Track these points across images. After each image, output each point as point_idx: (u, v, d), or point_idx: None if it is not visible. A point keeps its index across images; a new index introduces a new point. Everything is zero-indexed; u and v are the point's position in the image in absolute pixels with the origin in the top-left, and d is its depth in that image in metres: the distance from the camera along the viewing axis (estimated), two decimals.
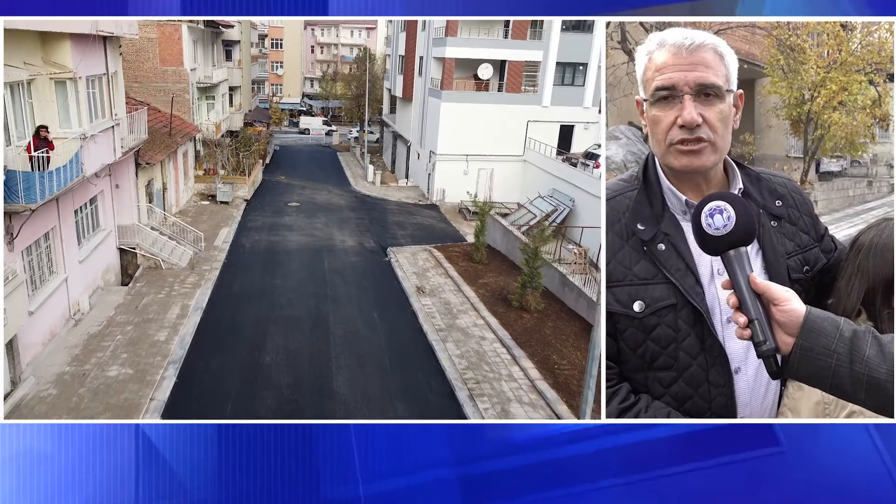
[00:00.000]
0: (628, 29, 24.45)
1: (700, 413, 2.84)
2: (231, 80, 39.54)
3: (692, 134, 2.58)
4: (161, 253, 19.99)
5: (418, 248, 24.31)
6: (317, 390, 13.00)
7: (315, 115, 75.21)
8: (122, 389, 12.30)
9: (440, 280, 20.15)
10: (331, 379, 13.49)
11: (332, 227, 27.29)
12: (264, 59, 65.23)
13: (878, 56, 21.39)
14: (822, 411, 2.77)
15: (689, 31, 2.66)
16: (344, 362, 14.30)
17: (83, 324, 15.25)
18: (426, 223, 29.77)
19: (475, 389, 13.09)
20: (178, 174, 27.92)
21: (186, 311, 16.55)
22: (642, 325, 2.80)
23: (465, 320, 16.87)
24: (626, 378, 2.92)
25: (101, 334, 14.78)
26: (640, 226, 2.84)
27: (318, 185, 37.51)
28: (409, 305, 18.03)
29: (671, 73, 2.60)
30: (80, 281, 15.91)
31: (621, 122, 25.51)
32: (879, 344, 2.10)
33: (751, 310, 2.19)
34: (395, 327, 16.54)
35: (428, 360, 14.63)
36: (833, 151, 24.88)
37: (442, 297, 18.58)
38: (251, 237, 24.75)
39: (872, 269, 2.77)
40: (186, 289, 18.21)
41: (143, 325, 15.42)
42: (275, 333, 15.72)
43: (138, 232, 19.85)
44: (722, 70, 2.61)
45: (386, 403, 12.63)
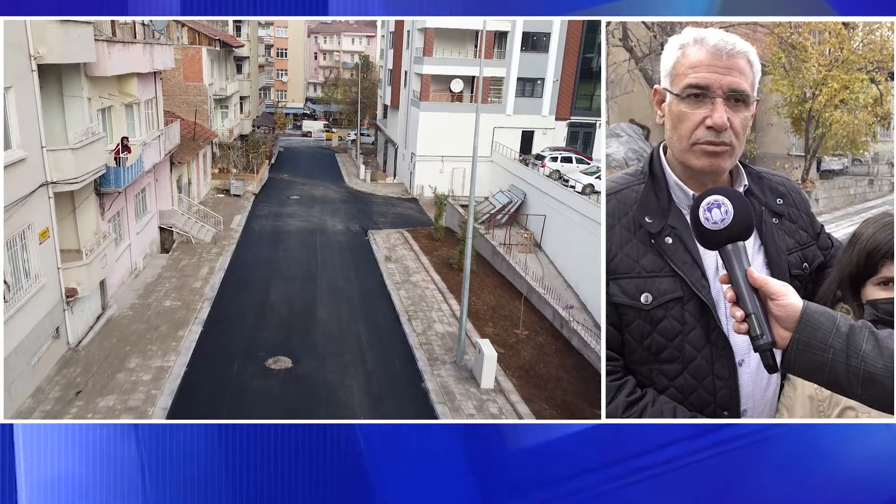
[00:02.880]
0: (630, 27, 24.79)
1: (704, 405, 2.89)
2: (241, 90, 45.67)
3: (718, 137, 2.64)
4: (191, 231, 26.10)
5: (393, 230, 30.39)
6: (305, 317, 19.07)
7: (317, 118, 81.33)
8: (175, 313, 18.40)
9: (404, 252, 26.26)
10: (315, 311, 19.58)
11: (325, 216, 33.35)
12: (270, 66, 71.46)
13: (880, 54, 21.38)
14: (815, 409, 2.82)
15: (726, 34, 2.70)
16: (325, 301, 20.39)
17: (141, 276, 21.36)
18: (404, 213, 35.83)
19: (412, 315, 19.19)
20: (199, 171, 34.05)
21: (213, 270, 22.64)
22: (649, 317, 2.86)
23: (416, 277, 22.96)
24: (630, 370, 2.97)
25: (155, 283, 20.89)
26: (648, 219, 2.89)
27: (317, 182, 43.58)
28: (378, 269, 24.10)
29: (706, 73, 2.64)
30: (137, 247, 22.00)
31: (622, 120, 26.47)
32: (876, 339, 2.10)
33: (748, 304, 2.22)
34: (364, 282, 22.61)
35: (385, 301, 20.71)
36: (834, 150, 24.90)
37: (403, 263, 24.67)
38: (259, 222, 30.85)
39: (844, 258, 2.85)
40: (212, 257, 24.31)
41: (183, 278, 21.52)
42: (277, 285, 21.79)
43: (173, 215, 25.95)
44: (751, 78, 2.69)
45: (352, 324, 18.69)
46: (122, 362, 15.08)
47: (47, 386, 13.67)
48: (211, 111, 37.55)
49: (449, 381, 15.17)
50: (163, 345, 16.19)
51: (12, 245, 12.73)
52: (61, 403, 13.06)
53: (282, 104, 79.18)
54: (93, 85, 16.80)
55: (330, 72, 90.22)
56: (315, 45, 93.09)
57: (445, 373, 15.62)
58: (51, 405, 12.96)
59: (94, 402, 13.20)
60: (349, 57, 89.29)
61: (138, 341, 16.33)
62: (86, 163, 15.06)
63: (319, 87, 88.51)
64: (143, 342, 16.29)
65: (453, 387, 14.92)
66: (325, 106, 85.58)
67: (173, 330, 17.18)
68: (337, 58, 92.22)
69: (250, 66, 49.29)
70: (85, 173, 15.05)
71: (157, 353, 15.73)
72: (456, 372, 15.68)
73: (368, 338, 17.73)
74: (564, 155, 34.73)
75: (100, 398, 13.35)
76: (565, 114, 41.30)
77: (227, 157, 39.56)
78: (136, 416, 12.79)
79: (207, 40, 36.45)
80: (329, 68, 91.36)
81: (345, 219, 32.94)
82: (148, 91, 21.77)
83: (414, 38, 40.93)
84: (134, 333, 16.81)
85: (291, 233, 29.24)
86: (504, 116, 40.57)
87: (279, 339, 17.21)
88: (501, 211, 33.72)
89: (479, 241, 25.73)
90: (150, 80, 22.03)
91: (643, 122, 27.65)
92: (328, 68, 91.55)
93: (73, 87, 15.69)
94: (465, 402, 14.20)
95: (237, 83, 44.04)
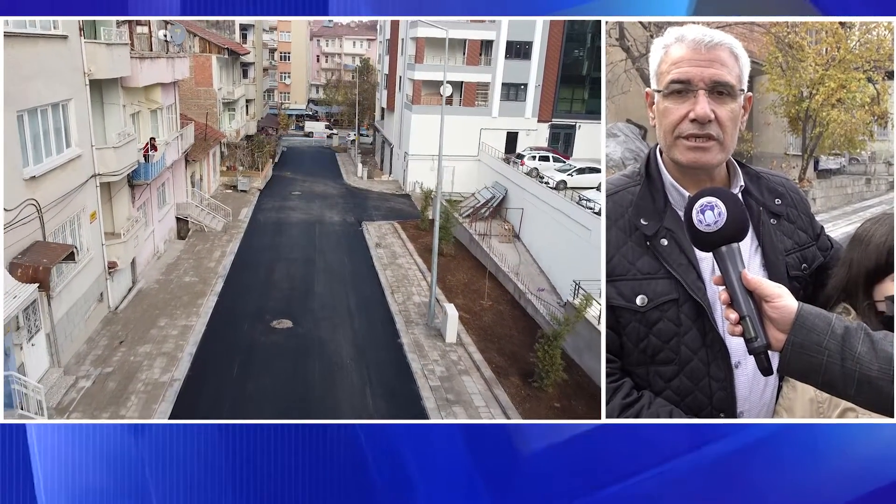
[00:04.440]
0: (627, 26, 24.85)
1: (701, 407, 2.90)
2: (247, 94, 49.06)
3: (702, 129, 2.66)
4: (204, 221, 29.47)
5: (385, 222, 33.75)
6: (304, 290, 22.42)
7: (319, 119, 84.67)
8: (194, 286, 21.76)
9: (393, 240, 29.63)
10: (313, 286, 22.94)
11: (324, 209, 36.72)
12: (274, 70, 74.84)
13: (877, 53, 21.36)
14: (815, 410, 2.80)
15: (707, 28, 2.70)
16: (322, 279, 23.75)
17: (163, 258, 24.73)
18: (397, 207, 39.19)
19: (395, 290, 22.55)
20: (209, 169, 37.44)
21: (225, 253, 26.01)
22: (645, 319, 2.88)
23: (401, 260, 26.32)
24: (627, 372, 3.00)
25: (175, 263, 24.26)
26: (644, 221, 2.91)
27: (317, 179, 46.97)
28: (369, 253, 27.45)
29: (687, 67, 2.66)
30: (159, 233, 25.37)
31: (619, 120, 26.48)
32: (871, 341, 2.10)
33: (742, 306, 2.21)
34: (356, 264, 25.96)
35: (373, 279, 24.06)
36: (831, 149, 24.77)
37: (391, 249, 28.03)
38: (264, 214, 34.23)
39: (857, 259, 2.83)
40: (223, 243, 27.67)
41: (199, 260, 24.89)
42: (280, 266, 25.13)
43: (188, 206, 29.31)
44: (736, 70, 2.69)
45: (344, 296, 22.02)
46: (153, 322, 18.45)
47: (96, 337, 17.05)
48: (220, 113, 40.95)
49: (420, 338, 18.52)
50: (186, 310, 19.56)
51: (72, 223, 16.10)
52: (109, 350, 16.43)
53: (285, 106, 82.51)
54: (126, 94, 20.15)
55: (332, 74, 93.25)
56: (317, 48, 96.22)
57: (418, 332, 18.97)
58: (101, 350, 16.33)
59: (134, 348, 16.57)
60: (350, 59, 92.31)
61: (165, 307, 19.69)
62: (124, 159, 18.42)
63: (321, 88, 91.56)
64: (170, 308, 19.66)
65: (423, 341, 18.27)
66: (326, 107, 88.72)
67: (193, 299, 20.54)
68: (338, 60, 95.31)
69: (255, 72, 52.72)
70: (123, 167, 18.41)
71: (181, 315, 19.09)
72: (427, 331, 19.02)
73: (357, 306, 21.09)
74: (542, 154, 38.10)
75: (139, 346, 16.73)
76: (547, 116, 44.61)
77: (234, 156, 43.02)
78: (168, 361, 16.13)
79: (217, 49, 39.86)
80: (331, 70, 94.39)
81: (342, 212, 36.29)
82: (169, 98, 25.14)
83: (407, 45, 44.33)
84: (161, 301, 20.17)
85: (293, 223, 32.60)
86: (490, 119, 43.88)
87: (282, 307, 20.57)
88: (485, 205, 37.06)
89: (459, 229, 29.11)
90: (171, 88, 25.41)
91: (640, 122, 27.73)
92: (330, 70, 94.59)
93: (112, 97, 19.05)
94: (431, 353, 17.54)
95: (243, 87, 47.43)
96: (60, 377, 14.33)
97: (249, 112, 51.41)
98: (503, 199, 37.61)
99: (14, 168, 12.67)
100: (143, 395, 14.21)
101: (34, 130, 13.83)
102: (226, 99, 41.80)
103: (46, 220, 14.12)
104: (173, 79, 24.51)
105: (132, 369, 15.41)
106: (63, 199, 15.15)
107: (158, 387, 14.67)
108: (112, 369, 15.34)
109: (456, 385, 15.80)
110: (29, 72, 13.29)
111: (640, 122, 28.28)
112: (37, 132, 13.97)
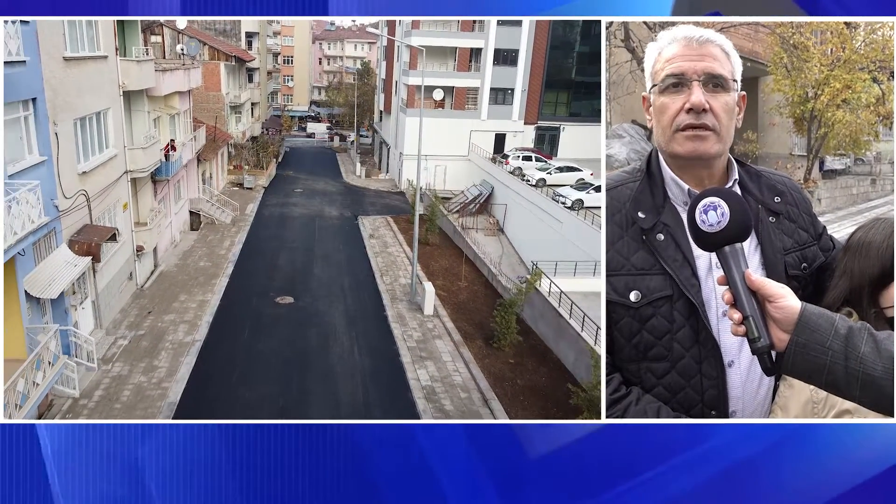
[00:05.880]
0: (632, 27, 25.00)
1: (692, 405, 2.90)
2: (252, 97, 52.24)
3: (699, 119, 2.71)
4: (214, 214, 32.61)
5: (379, 216, 36.89)
6: (304, 273, 25.56)
7: (321, 120, 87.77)
8: (208, 270, 24.90)
9: (385, 232, 32.78)
10: (312, 269, 26.08)
11: (324, 205, 39.88)
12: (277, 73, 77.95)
13: (882, 54, 21.42)
14: (811, 410, 2.79)
15: (698, 28, 2.81)
16: (319, 264, 26.90)
17: (179, 246, 27.89)
18: (391, 203, 42.33)
19: (384, 273, 25.70)
20: (218, 168, 40.61)
21: (234, 243, 29.15)
22: (638, 314, 2.88)
23: (392, 249, 29.46)
24: (619, 368, 3.01)
25: (190, 251, 27.41)
26: (641, 214, 2.92)
27: (318, 178, 50.13)
28: (363, 243, 30.59)
29: (681, 62, 2.76)
30: (176, 224, 28.52)
31: (624, 121, 26.75)
32: (875, 341, 2.09)
33: (745, 306, 2.21)
34: (351, 252, 29.10)
35: (365, 264, 27.20)
36: (836, 149, 24.79)
37: (383, 240, 31.17)
38: (269, 209, 37.40)
39: (858, 268, 2.80)
40: (232, 234, 30.82)
41: (211, 248, 28.04)
42: (283, 254, 28.27)
43: (200, 201, 32.47)
44: (728, 65, 2.78)
45: (339, 278, 25.15)
46: (175, 297, 21.60)
47: (128, 308, 20.21)
48: (227, 116, 44.12)
49: (403, 311, 21.65)
50: (202, 288, 22.70)
51: (109, 212, 19.24)
52: (139, 318, 19.58)
53: (288, 108, 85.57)
54: (150, 102, 23.29)
55: (333, 76, 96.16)
56: (320, 51, 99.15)
57: (401, 306, 22.09)
58: (133, 318, 19.49)
59: (161, 317, 19.73)
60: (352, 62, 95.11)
61: (184, 286, 22.84)
62: (150, 158, 21.57)
63: (323, 90, 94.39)
64: (188, 286, 22.80)
65: (405, 314, 21.39)
66: (328, 109, 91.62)
67: (208, 280, 23.69)
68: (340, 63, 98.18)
69: (260, 76, 55.90)
70: (149, 165, 21.55)
71: (198, 292, 22.24)
72: (409, 306, 22.15)
73: (350, 286, 24.22)
74: (525, 154, 41.19)
75: (165, 315, 19.88)
76: (533, 119, 47.73)
77: (240, 156, 46.23)
78: (189, 327, 19.24)
79: (225, 56, 43.01)
80: (333, 73, 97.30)
81: (340, 207, 39.44)
82: (184, 103, 28.30)
83: (402, 52, 47.45)
84: (180, 281, 23.31)
85: (295, 217, 35.75)
86: (479, 121, 46.99)
87: (284, 286, 23.70)
88: (473, 201, 40.17)
89: (444, 221, 32.23)
90: (186, 95, 28.58)
91: (645, 123, 30.63)
92: (332, 72, 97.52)
93: (139, 104, 22.20)
94: (411, 322, 20.66)
95: (249, 91, 50.62)
96: (103, 336, 17.49)
97: (254, 114, 54.58)
98: (490, 196, 40.73)
99: (71, 164, 15.82)
100: (171, 351, 17.36)
101: (84, 134, 16.99)
102: (233, 102, 44.96)
103: (92, 208, 17.26)
104: (189, 87, 27.66)
105: (161, 332, 18.56)
106: (104, 191, 18.30)
107: (183, 345, 17.81)
108: (144, 332, 18.49)
109: (429, 346, 18.92)
110: (84, 87, 16.45)
111: (645, 122, 30.53)
112: (86, 136, 17.13)
